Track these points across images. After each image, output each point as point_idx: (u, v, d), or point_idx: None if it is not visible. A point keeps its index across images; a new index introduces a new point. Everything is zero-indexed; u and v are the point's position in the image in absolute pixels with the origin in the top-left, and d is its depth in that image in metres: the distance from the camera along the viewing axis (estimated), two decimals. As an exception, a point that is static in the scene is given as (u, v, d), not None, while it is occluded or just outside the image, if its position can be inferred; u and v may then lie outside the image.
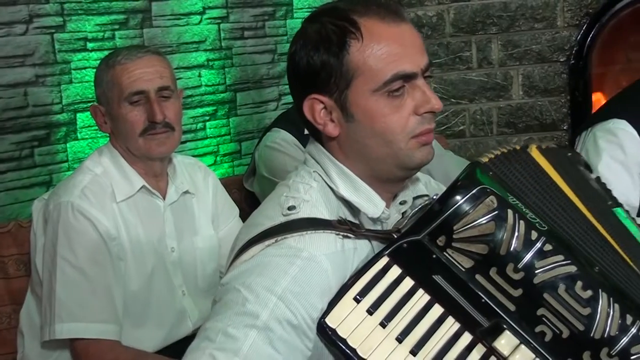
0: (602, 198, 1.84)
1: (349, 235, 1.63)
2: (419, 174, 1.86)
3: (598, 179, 1.90)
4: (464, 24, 4.36)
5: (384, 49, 1.62)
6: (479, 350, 1.56)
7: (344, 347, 1.52)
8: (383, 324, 1.54)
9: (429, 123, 1.66)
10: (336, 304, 1.55)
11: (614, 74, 4.50)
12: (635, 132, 2.70)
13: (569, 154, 1.89)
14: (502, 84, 4.43)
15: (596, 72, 4.46)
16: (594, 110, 4.27)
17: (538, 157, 1.76)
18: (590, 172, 1.91)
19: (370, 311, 1.55)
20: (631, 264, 1.71)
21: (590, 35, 4.39)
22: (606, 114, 2.82)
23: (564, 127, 4.43)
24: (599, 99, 4.47)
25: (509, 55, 4.41)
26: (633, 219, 1.84)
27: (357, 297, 1.55)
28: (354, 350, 1.52)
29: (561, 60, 4.43)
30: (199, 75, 3.76)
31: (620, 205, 1.86)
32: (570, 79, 4.44)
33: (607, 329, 1.56)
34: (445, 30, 4.36)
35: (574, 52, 4.41)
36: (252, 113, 4.02)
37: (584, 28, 4.39)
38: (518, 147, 1.77)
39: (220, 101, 3.87)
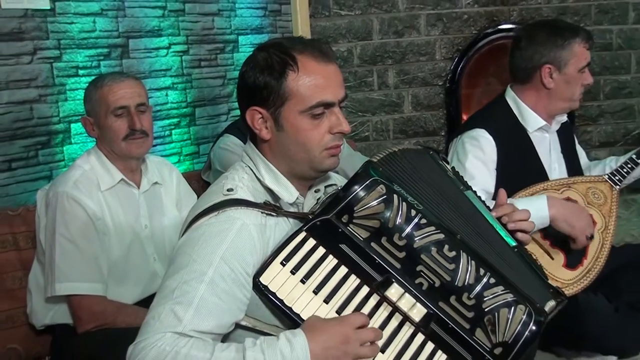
0: (456, 184, 1.88)
1: (272, 213, 1.66)
2: (333, 175, 1.88)
3: (453, 169, 1.93)
4: (367, 57, 4.38)
5: (313, 81, 1.64)
6: (374, 298, 1.61)
7: (274, 298, 1.56)
8: (303, 281, 1.58)
9: (338, 140, 1.69)
10: (267, 267, 1.58)
11: (477, 94, 4.55)
12: (491, 138, 2.73)
13: (431, 152, 1.91)
14: (396, 102, 4.46)
15: (464, 93, 4.53)
16: (463, 122, 4.33)
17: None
18: (447, 163, 1.94)
19: (293, 272, 1.58)
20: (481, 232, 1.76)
21: (460, 66, 4.47)
22: (471, 124, 2.85)
23: (442, 134, 4.50)
24: (467, 113, 4.50)
25: (401, 80, 4.44)
26: (479, 197, 1.89)
27: (283, 262, 1.58)
28: (281, 301, 1.56)
29: (439, 84, 4.48)
30: (166, 95, 3.70)
31: (469, 188, 1.91)
32: (446, 98, 4.51)
33: (467, 279, 1.62)
34: (353, 61, 4.38)
35: (448, 78, 4.47)
36: (207, 123, 3.98)
37: (455, 60, 4.46)
38: (400, 149, 1.80)
39: (183, 114, 3.83)
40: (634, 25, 4.58)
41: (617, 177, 2.83)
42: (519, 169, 2.75)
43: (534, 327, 1.61)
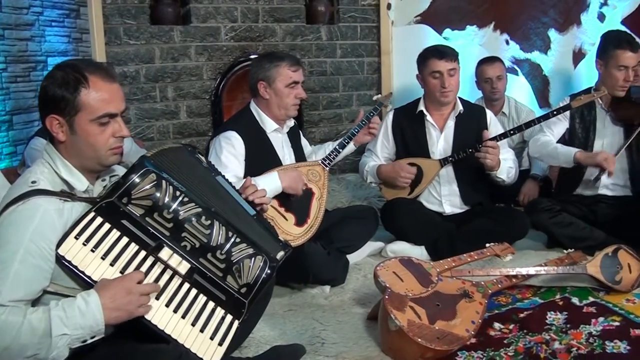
0: (210, 172, 1.91)
1: (67, 199, 1.59)
2: (118, 167, 1.82)
3: (207, 160, 1.94)
4: (151, 77, 4.28)
5: (100, 96, 1.60)
6: (150, 260, 1.61)
7: (70, 265, 1.52)
8: (93, 250, 1.54)
9: (120, 142, 1.66)
10: (64, 241, 1.52)
11: (235, 105, 4.55)
12: (240, 137, 2.82)
13: (189, 148, 1.90)
14: (174, 111, 4.40)
15: (225, 105, 4.52)
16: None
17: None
18: (202, 156, 1.93)
19: (85, 243, 1.54)
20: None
21: (222, 84, 4.47)
22: (225, 127, 2.92)
23: (209, 135, 4.45)
24: (227, 119, 4.52)
25: (178, 95, 4.38)
26: (227, 180, 1.94)
27: (77, 236, 1.54)
28: (76, 267, 1.52)
29: (206, 98, 4.48)
30: (-13, 106, 3.48)
31: (220, 174, 1.94)
32: (212, 108, 4.49)
33: (219, 240, 1.67)
34: (140, 80, 4.25)
35: (213, 93, 4.48)
36: (23, 128, 3.74)
37: (218, 80, 4.46)
38: (167, 147, 1.78)
39: (2, 121, 3.58)
40: (340, 59, 4.85)
41: (327, 162, 3.03)
42: (261, 159, 2.85)
43: (268, 271, 1.72)
